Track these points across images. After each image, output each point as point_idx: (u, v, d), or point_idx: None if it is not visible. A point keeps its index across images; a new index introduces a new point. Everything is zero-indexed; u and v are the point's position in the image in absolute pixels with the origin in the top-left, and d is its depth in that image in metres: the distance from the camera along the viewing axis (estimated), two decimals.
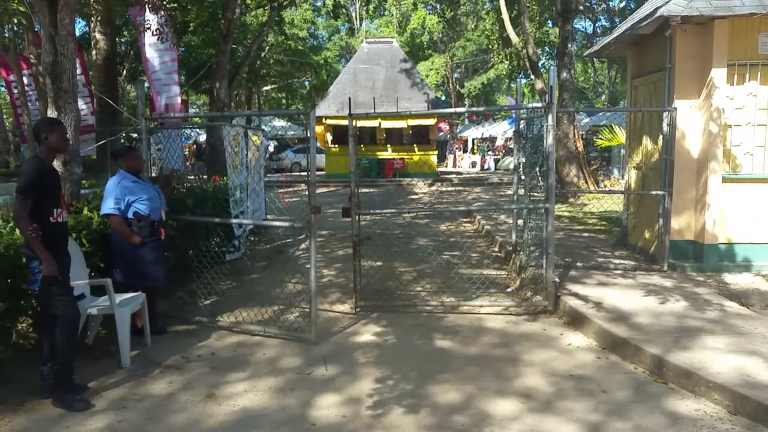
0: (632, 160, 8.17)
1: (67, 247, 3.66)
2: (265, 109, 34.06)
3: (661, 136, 6.70)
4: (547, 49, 19.81)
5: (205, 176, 9.12)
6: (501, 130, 31.47)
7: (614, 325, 4.68)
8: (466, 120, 40.23)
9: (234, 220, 5.12)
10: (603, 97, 33.97)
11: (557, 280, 5.55)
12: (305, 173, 26.19)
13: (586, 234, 9.18)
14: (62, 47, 4.62)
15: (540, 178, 6.60)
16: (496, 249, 8.43)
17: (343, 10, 24.89)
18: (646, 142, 7.60)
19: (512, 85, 43.57)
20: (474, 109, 12.89)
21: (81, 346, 4.30)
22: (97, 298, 4.31)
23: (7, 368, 3.77)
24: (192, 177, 10.10)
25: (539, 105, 5.16)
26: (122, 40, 22.14)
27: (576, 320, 5.07)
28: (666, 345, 4.22)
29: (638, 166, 7.90)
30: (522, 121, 6.51)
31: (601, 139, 10.34)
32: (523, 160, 6.56)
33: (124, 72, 19.28)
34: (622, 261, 7.12)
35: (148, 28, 10.34)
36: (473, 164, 31.24)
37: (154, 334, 4.62)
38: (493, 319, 5.23)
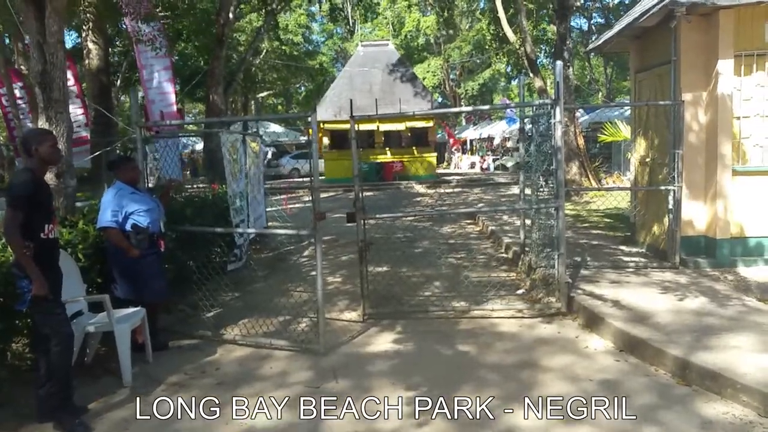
0: (638, 156, 8.03)
1: (58, 263, 3.49)
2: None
3: (668, 131, 6.56)
4: (544, 47, 19.68)
5: (203, 185, 8.95)
6: (499, 130, 31.42)
7: (632, 326, 4.52)
8: (464, 121, 40.15)
9: (237, 230, 4.95)
10: (600, 94, 33.90)
11: (570, 280, 5.39)
12: (305, 179, 26.03)
13: (593, 231, 9.03)
14: (51, 55, 4.47)
15: (548, 176, 6.47)
16: (503, 250, 8.27)
17: (342, 13, 24.75)
18: (653, 137, 7.46)
19: (510, 84, 43.64)
20: (479, 107, 12.70)
21: (80, 365, 4.14)
22: (95, 314, 4.14)
23: (3, 390, 3.60)
24: (189, 186, 9.95)
25: (547, 101, 5.01)
26: (116, 50, 22.05)
27: (591, 321, 4.92)
28: (688, 345, 4.07)
29: (645, 161, 7.76)
30: (527, 119, 6.36)
31: (604, 134, 10.21)
32: (528, 158, 6.41)
33: (119, 82, 19.13)
34: (632, 258, 6.97)
35: (141, 38, 10.23)
36: (472, 165, 31.16)
37: (155, 350, 4.45)
38: (506, 323, 5.07)
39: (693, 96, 6.40)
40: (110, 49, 22.72)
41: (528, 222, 6.60)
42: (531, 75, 13.65)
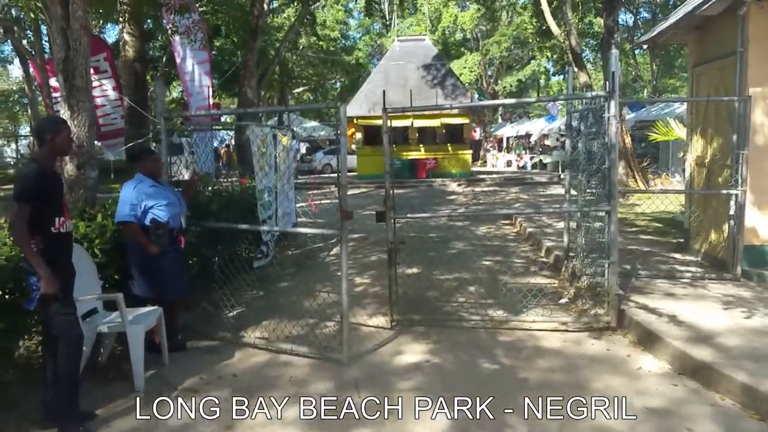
0: (695, 156, 7.41)
1: (71, 260, 3.28)
2: (296, 113, 33.89)
3: (730, 129, 5.97)
4: (590, 40, 18.73)
5: (233, 179, 8.77)
6: (537, 127, 30.50)
7: (692, 346, 4.03)
8: (500, 118, 39.28)
9: (262, 227, 4.68)
10: (645, 91, 32.51)
11: (621, 291, 4.91)
12: (335, 174, 25.70)
13: (642, 236, 8.43)
14: (75, 41, 4.29)
15: (595, 176, 5.98)
16: (543, 254, 7.79)
17: (377, 6, 24.40)
18: (713, 136, 6.84)
19: (549, 81, 42.47)
20: (523, 100, 11.84)
21: (93, 366, 3.95)
22: (111, 313, 3.93)
23: (9, 392, 3.42)
24: (219, 180, 9.81)
25: (601, 94, 4.54)
26: (156, 44, 22.32)
27: (645, 339, 4.44)
28: (759, 371, 3.57)
29: (702, 162, 7.14)
30: (575, 114, 5.87)
31: (654, 133, 9.56)
32: (576, 156, 5.93)
33: (158, 74, 19.32)
34: (687, 268, 6.40)
35: (178, 30, 10.15)
36: (509, 163, 30.36)
37: (173, 351, 4.22)
38: (548, 337, 4.64)
39: (762, 90, 5.79)
40: (150, 43, 23.14)
41: (572, 225, 6.12)
42: (576, 70, 12.99)
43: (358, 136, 21.73)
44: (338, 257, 8.27)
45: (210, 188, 6.70)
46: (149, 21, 21.03)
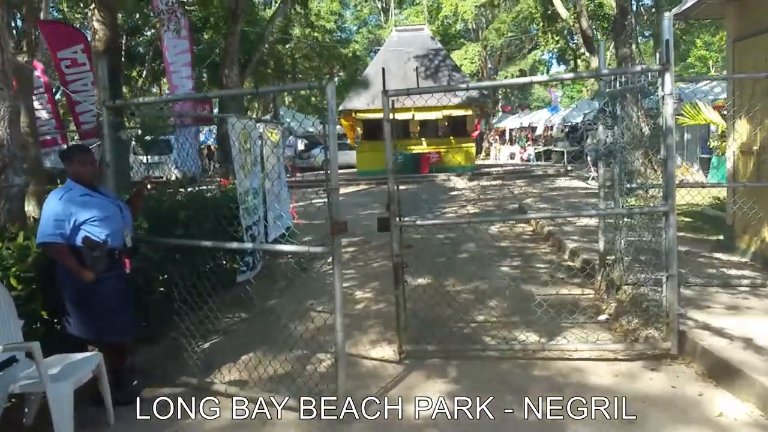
0: (739, 143, 6.47)
1: None
2: (293, 107, 32.99)
3: None
4: (598, 23, 17.59)
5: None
6: (542, 118, 29.55)
7: None
8: (500, 110, 38.27)
9: (229, 244, 3.75)
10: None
11: (683, 311, 3.99)
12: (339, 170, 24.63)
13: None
14: None
15: (628, 167, 5.08)
16: (567, 257, 6.87)
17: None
18: (762, 119, 5.91)
19: (548, 73, 41.39)
20: (558, 77, 10.42)
21: (18, 426, 3.05)
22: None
23: None
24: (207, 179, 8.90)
25: (654, 67, 3.60)
26: (142, 39, 21.39)
27: (718, 371, 3.52)
28: None
29: (749, 150, 6.21)
30: (606, 95, 4.93)
31: (683, 116, 8.64)
32: (610, 146, 5.01)
33: (100, 52, 18.35)
34: (740, 272, 5.49)
35: (161, 17, 9.36)
36: (512, 155, 29.40)
37: (121, 405, 3.31)
38: (595, 370, 3.72)
39: None
40: (136, 38, 22.18)
41: (603, 223, 5.19)
42: (587, 54, 12.04)
43: (358, 130, 20.74)
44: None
45: (183, 190, 5.80)
46: (137, 15, 20.15)
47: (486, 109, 23.54)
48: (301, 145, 26.72)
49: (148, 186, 3.80)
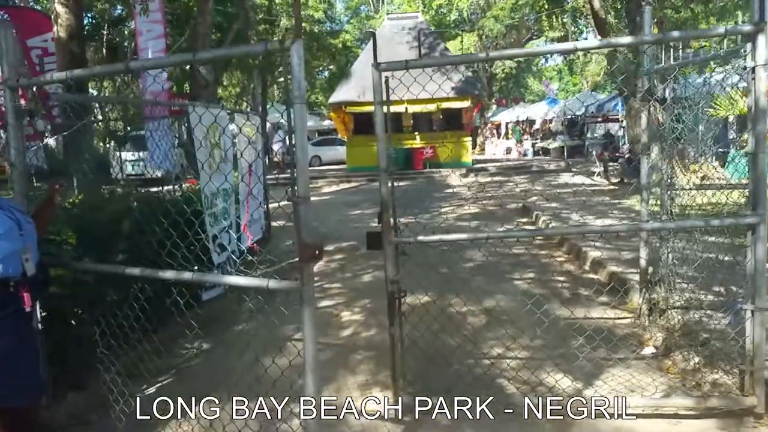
0: None
1: None
2: (279, 97, 31.96)
3: None
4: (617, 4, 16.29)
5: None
6: (540, 111, 28.73)
7: None
8: (495, 104, 37.39)
9: (166, 273, 2.75)
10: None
11: None
12: (324, 168, 23.69)
13: (705, 239, 6.62)
14: None
15: (678, 163, 4.22)
16: (588, 267, 5.97)
17: None
18: None
19: (545, 65, 40.57)
20: (589, 46, 9.05)
21: None
22: None
23: None
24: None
25: (744, 28, 2.68)
26: (125, 30, 20.24)
27: None
28: None
29: None
30: (654, 74, 4.02)
31: (714, 108, 7.77)
32: (662, 138, 4.13)
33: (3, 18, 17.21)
34: None
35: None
36: (508, 150, 28.55)
37: None
38: (649, 429, 2.82)
39: None
40: (117, 28, 21.03)
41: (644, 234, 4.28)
42: (599, 37, 11.16)
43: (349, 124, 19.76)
44: (325, 279, 6.43)
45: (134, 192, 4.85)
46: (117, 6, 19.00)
47: (482, 101, 22.59)
48: (288, 141, 25.75)
49: (58, 188, 2.82)
